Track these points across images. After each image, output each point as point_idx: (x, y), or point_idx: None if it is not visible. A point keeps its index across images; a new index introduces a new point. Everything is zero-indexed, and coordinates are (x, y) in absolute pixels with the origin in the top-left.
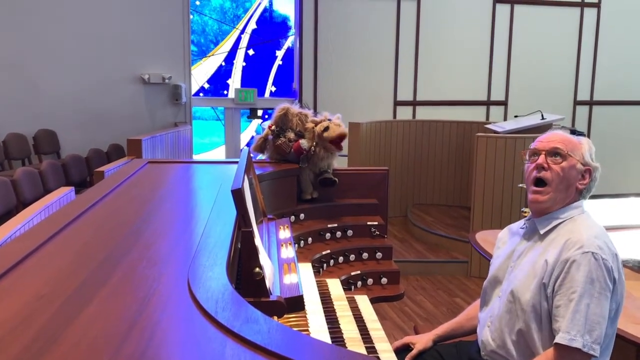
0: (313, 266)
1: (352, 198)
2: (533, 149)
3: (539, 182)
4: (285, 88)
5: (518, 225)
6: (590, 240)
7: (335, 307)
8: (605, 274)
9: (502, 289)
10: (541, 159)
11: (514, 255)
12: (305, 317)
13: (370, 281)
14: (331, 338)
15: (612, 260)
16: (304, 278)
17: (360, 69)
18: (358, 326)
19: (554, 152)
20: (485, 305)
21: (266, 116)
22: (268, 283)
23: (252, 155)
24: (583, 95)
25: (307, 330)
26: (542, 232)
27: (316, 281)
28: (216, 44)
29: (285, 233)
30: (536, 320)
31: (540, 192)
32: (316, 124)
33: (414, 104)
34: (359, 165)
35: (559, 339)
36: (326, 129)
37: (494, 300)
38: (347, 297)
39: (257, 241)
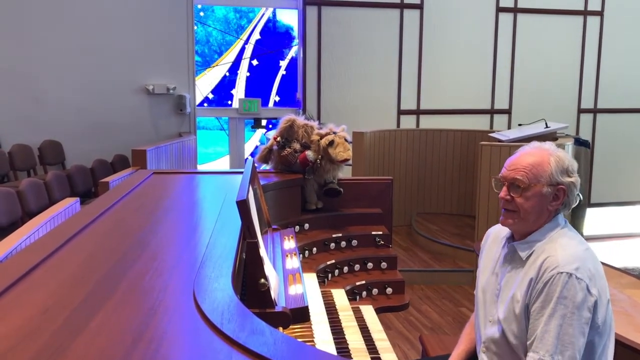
0: (318, 276)
1: (357, 208)
2: (499, 178)
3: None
4: (289, 98)
5: (500, 242)
6: (565, 260)
7: (340, 317)
8: (579, 293)
9: (492, 313)
10: (503, 191)
11: (500, 279)
12: (311, 327)
13: (375, 291)
14: (336, 349)
15: (588, 278)
16: (308, 288)
17: (363, 78)
18: (363, 336)
19: (515, 185)
20: (477, 325)
21: (270, 126)
22: (273, 294)
23: (256, 165)
24: (587, 103)
25: (313, 341)
26: (523, 257)
27: (321, 291)
28: (220, 54)
29: (290, 243)
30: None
31: (509, 217)
32: (321, 137)
33: (418, 112)
34: (363, 174)
35: (529, 358)
36: (331, 143)
37: (485, 324)
38: (352, 307)
39: (262, 252)
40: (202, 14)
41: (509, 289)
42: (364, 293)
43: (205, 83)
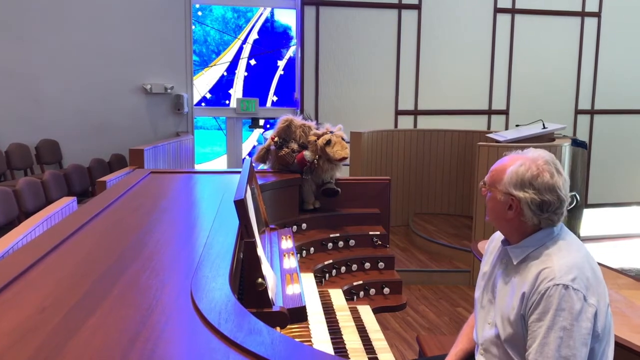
0: (315, 276)
1: (354, 208)
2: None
3: None
4: (286, 98)
5: (499, 242)
6: (562, 270)
7: (337, 317)
8: (577, 304)
9: (490, 316)
10: (483, 190)
11: (495, 281)
12: (308, 327)
13: (372, 291)
14: (334, 349)
15: (585, 288)
16: (306, 288)
17: (361, 78)
18: (361, 337)
19: (484, 185)
20: (476, 326)
21: (268, 126)
22: (271, 294)
23: (254, 165)
24: (584, 104)
25: (310, 341)
26: (514, 262)
27: (318, 291)
28: (218, 54)
29: (287, 243)
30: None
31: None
32: (318, 137)
33: (415, 113)
34: (360, 174)
35: None
36: (328, 142)
37: (483, 326)
38: (349, 308)
39: (260, 251)
40: (200, 13)
41: (504, 293)
42: (362, 293)
43: (203, 83)
